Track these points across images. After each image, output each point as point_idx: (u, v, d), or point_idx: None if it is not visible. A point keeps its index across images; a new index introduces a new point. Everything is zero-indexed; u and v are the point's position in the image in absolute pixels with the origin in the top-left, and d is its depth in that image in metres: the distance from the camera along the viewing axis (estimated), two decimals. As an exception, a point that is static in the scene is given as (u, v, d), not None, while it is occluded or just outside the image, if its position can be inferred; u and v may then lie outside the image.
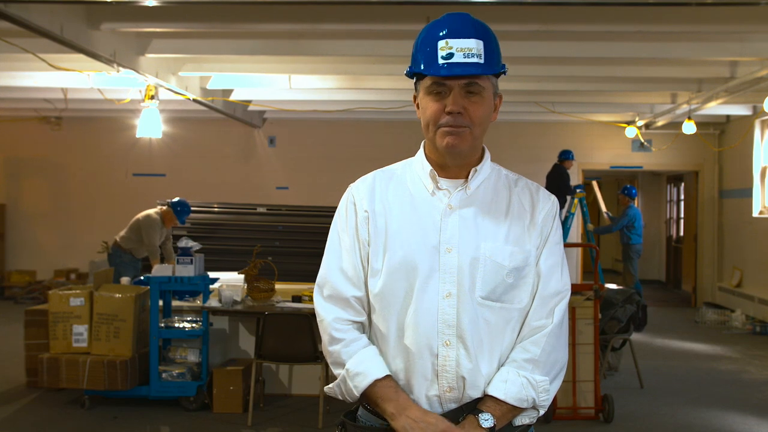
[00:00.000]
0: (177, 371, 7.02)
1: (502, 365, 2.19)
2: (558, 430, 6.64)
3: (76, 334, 6.90)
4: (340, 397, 2.25)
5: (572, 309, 6.97)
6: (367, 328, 2.28)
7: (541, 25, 7.29)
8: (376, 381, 2.16)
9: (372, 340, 2.26)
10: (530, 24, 7.30)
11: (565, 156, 12.54)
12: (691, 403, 7.60)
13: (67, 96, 11.20)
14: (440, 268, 2.17)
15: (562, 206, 12.45)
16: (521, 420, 2.19)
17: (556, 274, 2.23)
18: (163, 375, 7.00)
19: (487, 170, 2.29)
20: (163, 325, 7.09)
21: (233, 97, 11.58)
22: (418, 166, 2.31)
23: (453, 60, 2.15)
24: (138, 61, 8.42)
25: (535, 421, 2.23)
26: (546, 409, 2.21)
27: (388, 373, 2.18)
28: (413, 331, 2.17)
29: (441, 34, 2.18)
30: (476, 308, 2.15)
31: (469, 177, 2.25)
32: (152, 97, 9.27)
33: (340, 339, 2.23)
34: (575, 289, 7.42)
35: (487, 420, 2.10)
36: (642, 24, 7.31)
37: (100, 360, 6.78)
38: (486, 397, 2.15)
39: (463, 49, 2.15)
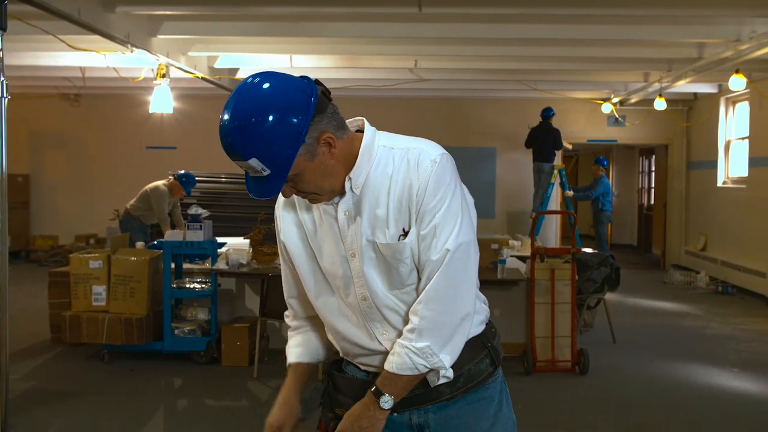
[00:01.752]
0: (188, 328, 7.05)
1: None
2: (537, 381, 6.69)
3: (96, 294, 6.92)
4: None
5: (551, 270, 7.00)
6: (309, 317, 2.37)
7: (524, 8, 7.26)
8: (290, 365, 2.35)
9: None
10: (515, 8, 7.27)
11: (551, 113, 12.60)
12: (658, 356, 7.65)
13: (84, 74, 11.13)
14: (352, 274, 2.09)
15: (550, 160, 12.54)
16: (437, 381, 2.06)
17: (433, 240, 1.99)
18: (176, 331, 7.02)
19: (366, 166, 2.03)
20: (175, 285, 7.11)
21: (239, 76, 11.50)
22: None
23: (250, 175, 1.98)
24: (150, 42, 8.36)
25: (451, 378, 2.06)
26: (446, 371, 2.03)
27: (295, 361, 2.34)
28: (351, 337, 2.16)
29: None
30: (392, 300, 2.08)
31: (346, 187, 2.03)
32: (163, 76, 9.21)
33: (288, 325, 2.41)
34: (555, 253, 7.45)
35: (386, 402, 2.02)
36: (617, 8, 7.28)
37: (117, 317, 6.80)
38: (383, 372, 2.06)
39: (246, 167, 1.95)
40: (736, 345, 8.18)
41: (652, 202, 17.13)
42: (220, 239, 7.53)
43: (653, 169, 17.21)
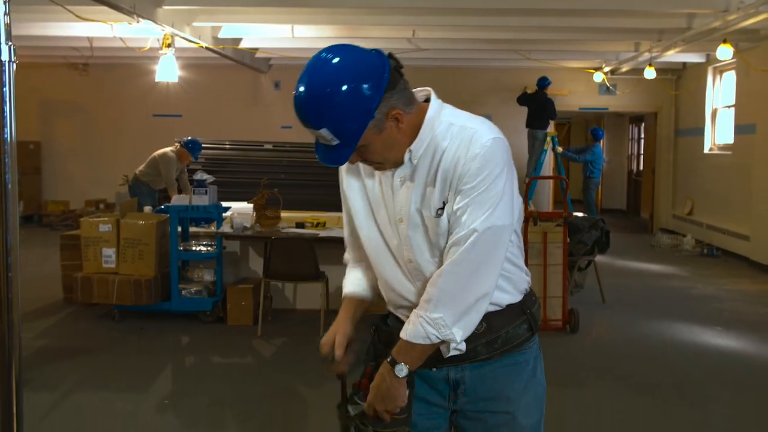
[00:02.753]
0: (195, 289, 7.07)
1: None
2: (529, 339, 6.71)
3: (106, 256, 6.92)
4: None
5: (544, 233, 7.01)
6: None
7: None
8: (345, 297, 2.34)
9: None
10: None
11: (547, 82, 12.57)
12: (646, 315, 7.69)
13: (92, 44, 11.04)
14: (399, 237, 2.11)
15: (544, 127, 12.55)
16: (448, 353, 2.04)
17: (462, 216, 1.98)
18: (183, 292, 7.04)
19: (427, 140, 2.03)
20: (181, 248, 7.12)
21: (242, 46, 11.41)
22: None
23: (320, 142, 1.99)
24: (155, 12, 8.27)
25: (463, 351, 2.03)
26: (458, 344, 2.01)
27: (350, 291, 2.33)
28: (399, 289, 2.17)
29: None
30: (436, 265, 2.07)
31: (405, 159, 2.04)
32: (169, 45, 9.15)
33: (347, 262, 2.41)
34: (548, 217, 7.45)
35: (401, 370, 2.02)
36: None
37: (127, 279, 6.81)
38: (399, 338, 2.06)
39: (316, 135, 1.96)
40: (720, 305, 8.21)
41: (641, 168, 17.12)
42: (224, 203, 7.52)
43: (642, 136, 17.17)
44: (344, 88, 1.90)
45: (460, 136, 2.01)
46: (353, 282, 2.34)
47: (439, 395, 2.19)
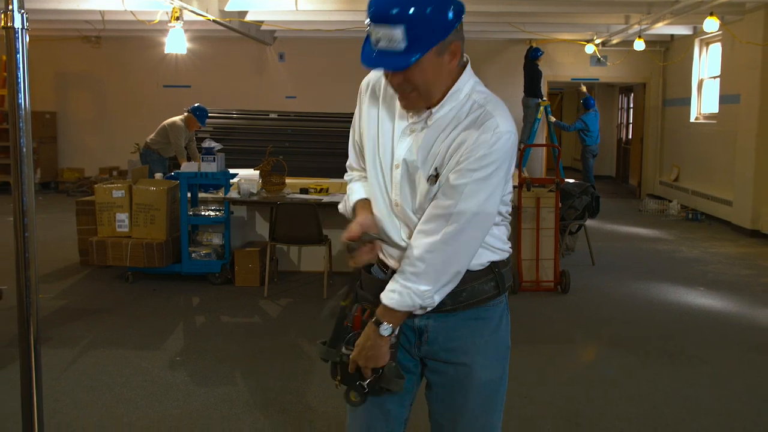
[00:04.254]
0: (204, 252, 7.08)
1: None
2: (523, 299, 6.74)
3: (119, 221, 6.92)
4: (341, 210, 2.30)
5: (537, 199, 7.00)
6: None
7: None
8: (358, 201, 2.22)
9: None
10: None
11: (538, 54, 12.46)
12: (633, 276, 7.70)
13: (104, 18, 10.95)
14: (392, 180, 2.10)
15: (535, 95, 12.47)
16: (421, 312, 2.08)
17: (457, 196, 1.96)
18: (193, 255, 7.05)
19: (453, 101, 2.00)
20: (191, 213, 7.12)
21: (248, 18, 11.32)
22: None
23: (379, 46, 1.87)
24: (164, -14, 8.22)
25: (433, 306, 2.07)
26: (433, 306, 2.06)
27: (365, 197, 2.21)
28: (384, 223, 2.15)
29: (369, 12, 1.87)
30: (416, 218, 2.07)
31: (432, 112, 2.01)
32: (177, 18, 9.07)
33: (349, 173, 2.31)
34: (540, 183, 7.44)
35: (386, 329, 2.03)
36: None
37: (139, 242, 6.82)
38: (381, 304, 2.05)
39: (385, 36, 1.84)
40: (704, 267, 8.23)
41: (630, 136, 17.06)
42: (232, 170, 7.50)
43: (632, 105, 17.09)
44: None
45: (481, 118, 1.96)
46: (363, 190, 2.24)
47: (406, 341, 2.20)
